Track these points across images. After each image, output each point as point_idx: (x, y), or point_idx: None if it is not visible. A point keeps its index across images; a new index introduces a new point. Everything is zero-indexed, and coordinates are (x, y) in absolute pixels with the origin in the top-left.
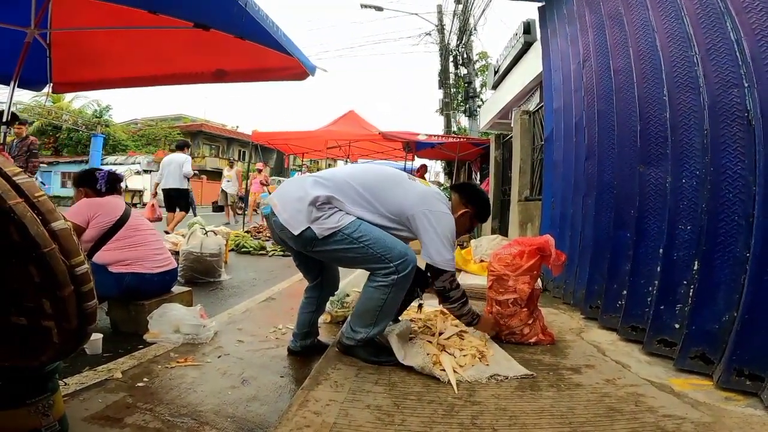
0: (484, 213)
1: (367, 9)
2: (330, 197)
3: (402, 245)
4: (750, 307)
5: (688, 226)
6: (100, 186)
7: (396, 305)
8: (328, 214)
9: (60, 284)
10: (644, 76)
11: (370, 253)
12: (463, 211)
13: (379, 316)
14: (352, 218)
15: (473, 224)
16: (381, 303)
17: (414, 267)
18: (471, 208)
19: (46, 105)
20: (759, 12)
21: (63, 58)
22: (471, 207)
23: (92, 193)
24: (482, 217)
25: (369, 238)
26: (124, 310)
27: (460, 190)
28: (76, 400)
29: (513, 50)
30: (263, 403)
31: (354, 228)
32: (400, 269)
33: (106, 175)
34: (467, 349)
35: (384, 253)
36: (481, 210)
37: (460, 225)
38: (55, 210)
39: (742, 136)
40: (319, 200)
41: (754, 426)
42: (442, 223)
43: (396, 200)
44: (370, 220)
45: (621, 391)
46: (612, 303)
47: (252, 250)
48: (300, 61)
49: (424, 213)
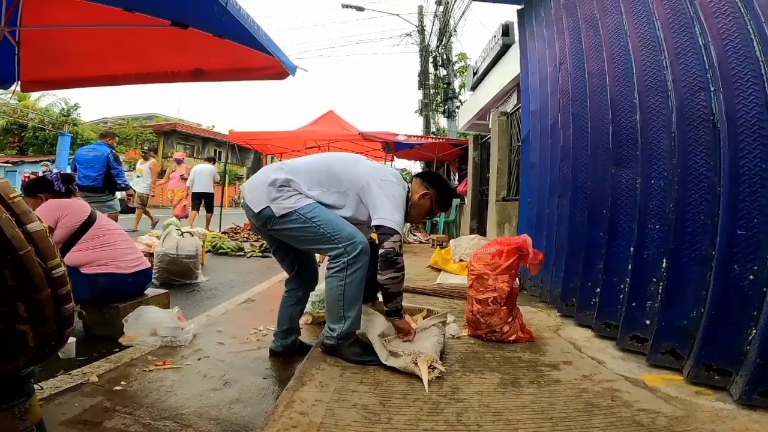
0: (445, 196)
1: (349, 9)
2: (288, 180)
3: (352, 228)
4: (716, 304)
5: (656, 226)
6: (58, 187)
7: (356, 293)
8: (286, 196)
9: (37, 287)
10: (617, 80)
11: (320, 233)
12: (424, 192)
13: (344, 306)
14: (308, 201)
15: (435, 209)
16: (341, 291)
17: (363, 251)
18: (432, 191)
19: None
20: (727, 17)
21: (33, 56)
22: (432, 189)
23: (52, 196)
24: (444, 201)
25: (321, 219)
26: (98, 313)
27: (420, 175)
28: (52, 405)
29: (492, 52)
30: (247, 405)
31: (309, 209)
32: (348, 250)
33: (58, 175)
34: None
35: (333, 233)
36: (442, 192)
37: (421, 207)
38: (31, 211)
39: (708, 139)
40: (278, 182)
41: (725, 420)
42: (392, 189)
43: (350, 175)
44: (326, 201)
45: (598, 386)
46: (587, 301)
47: (230, 251)
48: (280, 61)
49: (375, 180)
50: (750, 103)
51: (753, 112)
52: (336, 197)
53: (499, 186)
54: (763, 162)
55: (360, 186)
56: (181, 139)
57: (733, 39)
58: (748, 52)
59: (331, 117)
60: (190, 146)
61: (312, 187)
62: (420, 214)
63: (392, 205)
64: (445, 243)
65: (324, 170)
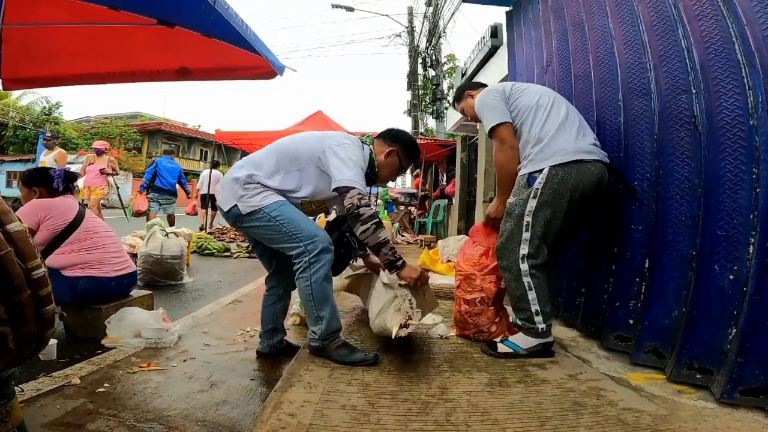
0: (412, 147)
1: (338, 9)
2: (250, 175)
3: (314, 227)
4: (697, 303)
5: (639, 226)
6: (57, 185)
7: (323, 290)
8: (252, 194)
9: (16, 289)
10: (602, 82)
11: (283, 231)
12: (389, 149)
13: (316, 306)
14: (274, 199)
15: (404, 163)
16: (309, 291)
17: (325, 249)
18: (397, 146)
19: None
20: (710, 20)
21: (15, 54)
22: (396, 145)
23: (47, 193)
24: (412, 153)
25: (284, 218)
26: (80, 315)
27: (380, 135)
28: (33, 407)
29: (480, 53)
30: (234, 407)
31: (273, 208)
32: (309, 249)
33: (62, 173)
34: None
35: (295, 232)
36: (407, 145)
37: (389, 166)
38: (10, 211)
39: (690, 141)
40: (241, 179)
41: (707, 418)
42: (345, 152)
43: (305, 150)
44: (289, 185)
45: (583, 385)
46: (572, 301)
47: (215, 252)
48: (269, 61)
49: (329, 147)
50: (731, 106)
51: (734, 115)
52: (297, 177)
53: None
54: (743, 164)
55: (317, 157)
56: (166, 138)
57: (716, 42)
58: (729, 55)
59: (320, 117)
60: (175, 146)
61: (272, 174)
62: (392, 173)
63: (345, 165)
64: (433, 243)
65: (280, 152)
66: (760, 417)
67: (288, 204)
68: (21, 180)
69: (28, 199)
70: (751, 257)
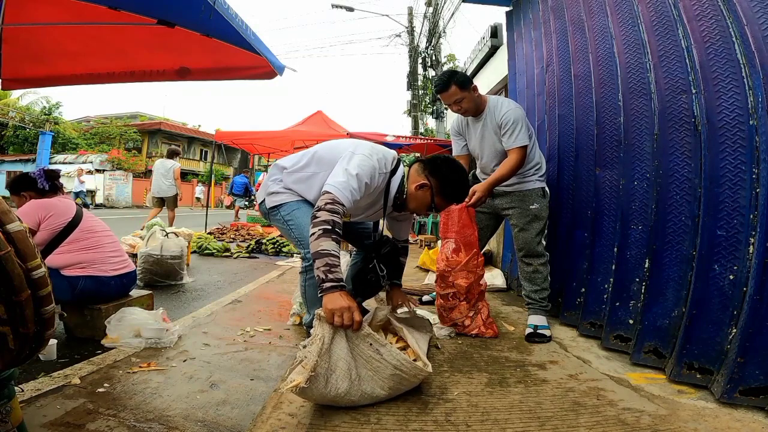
0: (448, 189)
1: (338, 9)
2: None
3: None
4: (697, 303)
5: (639, 226)
6: (41, 185)
7: (315, 295)
8: (276, 190)
9: (16, 289)
10: (601, 82)
11: (291, 236)
12: (421, 182)
13: (307, 303)
14: (292, 200)
15: (436, 202)
16: (303, 290)
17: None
18: (432, 181)
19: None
20: (710, 20)
21: (14, 54)
22: (433, 179)
23: (36, 195)
24: (448, 195)
25: (294, 224)
26: (79, 315)
27: (422, 161)
28: (33, 407)
29: (480, 53)
30: (234, 407)
31: (288, 211)
32: (308, 257)
33: (42, 172)
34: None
35: (300, 239)
36: (445, 184)
37: (418, 200)
38: (10, 211)
39: (689, 141)
40: (273, 175)
41: (707, 418)
42: (357, 160)
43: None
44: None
45: (583, 385)
46: (572, 300)
47: (215, 252)
48: (268, 61)
49: (350, 152)
50: (731, 106)
51: (734, 115)
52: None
53: None
54: (742, 164)
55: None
56: (166, 138)
57: (715, 42)
58: (729, 55)
59: (320, 117)
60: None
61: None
62: (419, 207)
63: (343, 172)
64: (433, 243)
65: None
66: (760, 417)
67: (303, 206)
68: (9, 190)
69: (20, 205)
70: (751, 257)
